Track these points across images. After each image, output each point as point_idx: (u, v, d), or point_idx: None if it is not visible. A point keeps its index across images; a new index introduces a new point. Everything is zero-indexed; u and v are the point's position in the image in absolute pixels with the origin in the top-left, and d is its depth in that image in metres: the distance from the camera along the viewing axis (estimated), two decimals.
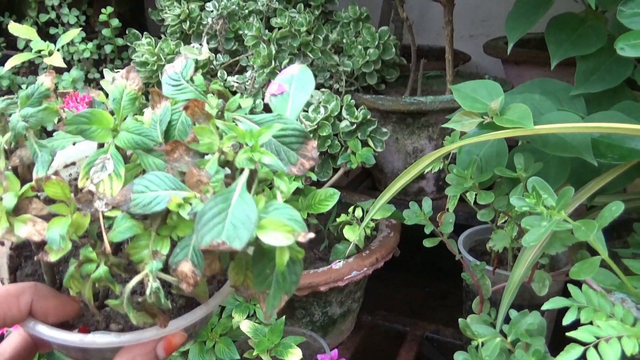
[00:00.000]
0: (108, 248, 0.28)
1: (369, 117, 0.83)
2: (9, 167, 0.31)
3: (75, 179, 0.32)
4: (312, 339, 0.75)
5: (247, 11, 0.90)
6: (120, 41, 0.96)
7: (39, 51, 0.77)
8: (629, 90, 0.59)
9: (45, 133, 0.91)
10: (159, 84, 0.88)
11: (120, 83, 0.33)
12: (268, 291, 0.27)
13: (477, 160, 0.54)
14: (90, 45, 0.91)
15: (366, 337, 0.87)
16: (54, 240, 0.26)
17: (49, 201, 0.28)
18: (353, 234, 0.70)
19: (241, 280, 0.29)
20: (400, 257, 0.80)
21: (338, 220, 0.76)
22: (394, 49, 0.91)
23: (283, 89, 0.32)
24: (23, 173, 0.32)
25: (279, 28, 0.85)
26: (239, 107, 0.32)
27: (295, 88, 0.32)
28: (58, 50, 0.83)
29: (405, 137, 0.90)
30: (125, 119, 0.32)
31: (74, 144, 0.36)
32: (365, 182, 1.13)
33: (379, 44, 0.90)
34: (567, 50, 0.59)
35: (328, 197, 0.73)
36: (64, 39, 0.78)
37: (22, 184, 0.29)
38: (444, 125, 0.53)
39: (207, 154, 0.29)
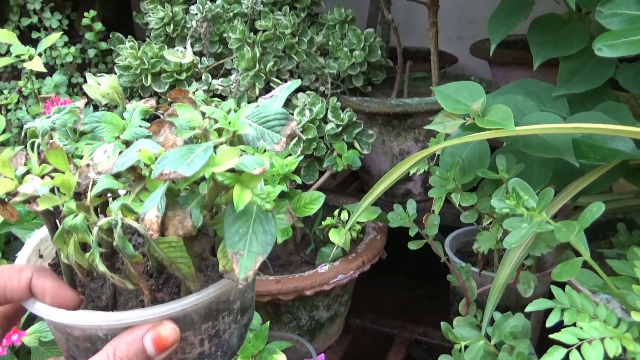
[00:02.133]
0: (88, 201, 0.29)
1: (354, 119, 0.83)
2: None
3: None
4: (299, 344, 0.75)
5: (231, 14, 0.90)
6: (104, 45, 0.95)
7: (19, 55, 0.76)
8: (612, 90, 0.59)
9: None
10: (142, 88, 0.87)
11: (137, 103, 0.38)
12: (242, 252, 0.27)
13: (459, 161, 0.54)
14: (72, 49, 0.90)
15: (355, 340, 0.87)
16: (43, 191, 0.29)
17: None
18: (338, 237, 0.70)
19: (229, 266, 0.29)
20: (389, 259, 0.80)
21: (324, 223, 0.75)
22: (379, 51, 0.91)
23: (274, 94, 0.34)
24: None
25: (264, 31, 0.84)
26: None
27: (282, 91, 0.34)
28: (40, 54, 0.83)
29: (392, 139, 0.90)
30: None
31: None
32: (354, 184, 1.13)
33: (364, 46, 0.89)
34: (549, 51, 0.59)
35: (313, 201, 0.72)
36: (44, 43, 0.78)
37: None
38: (426, 127, 0.53)
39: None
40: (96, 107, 0.93)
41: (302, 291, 0.69)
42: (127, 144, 0.32)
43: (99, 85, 0.91)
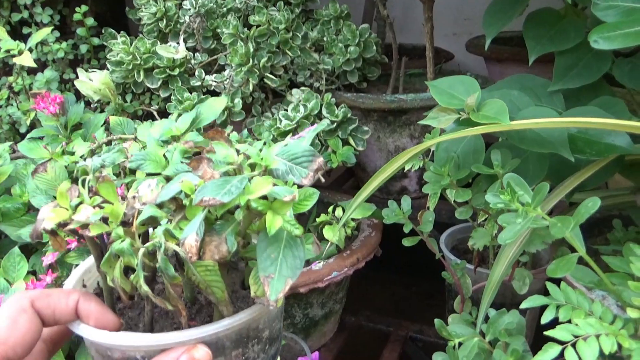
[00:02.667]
0: (134, 227, 0.32)
1: (349, 115, 0.82)
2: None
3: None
4: (293, 342, 0.74)
5: (225, 9, 0.89)
6: (96, 41, 0.94)
7: (9, 50, 0.75)
8: (607, 85, 0.58)
9: (19, 135, 0.89)
10: (135, 84, 0.86)
11: (177, 144, 0.40)
12: (272, 275, 0.29)
13: (454, 157, 0.53)
14: (64, 45, 0.89)
15: (350, 338, 0.86)
16: (94, 219, 0.32)
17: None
18: (332, 234, 0.69)
19: (261, 291, 0.32)
20: (385, 256, 0.79)
21: (318, 220, 0.74)
22: (374, 47, 0.90)
23: (301, 135, 0.38)
24: None
25: (257, 26, 0.83)
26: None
27: (310, 132, 0.38)
28: (31, 50, 0.81)
29: (387, 136, 0.89)
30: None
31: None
32: (349, 181, 1.12)
33: (359, 41, 0.89)
34: (545, 45, 0.58)
35: (307, 197, 0.71)
36: (35, 38, 0.77)
37: None
38: (421, 122, 0.53)
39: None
40: (88, 104, 0.92)
41: (296, 288, 0.68)
42: (168, 179, 0.35)
43: (91, 81, 0.90)
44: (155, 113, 0.88)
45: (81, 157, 0.66)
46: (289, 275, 0.29)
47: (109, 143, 0.70)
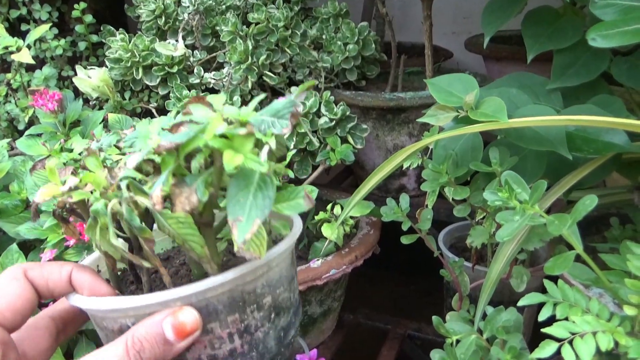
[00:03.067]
0: (111, 189, 0.32)
1: (348, 113, 0.82)
2: None
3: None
4: None
5: (224, 6, 0.89)
6: (95, 38, 0.94)
7: (7, 47, 0.75)
8: (605, 84, 0.58)
9: (17, 132, 0.89)
10: (134, 81, 0.86)
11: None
12: (241, 217, 0.28)
13: (452, 154, 0.53)
14: (62, 42, 0.89)
15: (348, 336, 0.86)
16: (74, 183, 0.33)
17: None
18: (331, 232, 0.69)
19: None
20: (383, 254, 0.79)
21: (316, 218, 0.75)
22: (373, 45, 0.90)
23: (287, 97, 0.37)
24: None
25: (256, 24, 0.83)
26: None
27: (294, 93, 0.36)
28: (29, 47, 0.81)
29: (386, 134, 0.89)
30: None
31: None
32: (348, 179, 1.13)
33: (358, 39, 0.89)
34: (543, 44, 0.59)
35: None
36: (33, 35, 0.77)
37: None
38: (419, 120, 0.53)
39: None
40: (87, 101, 0.92)
41: None
42: None
43: (90, 79, 0.90)
44: (154, 110, 0.88)
45: (79, 154, 0.66)
46: (257, 216, 0.28)
47: None
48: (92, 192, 0.32)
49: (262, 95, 0.33)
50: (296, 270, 0.38)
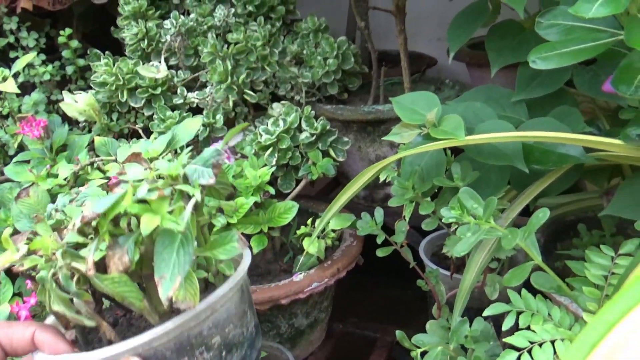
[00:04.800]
0: (55, 256, 0.33)
1: (328, 127, 0.84)
2: None
3: None
4: (279, 352, 0.76)
5: (205, 27, 0.91)
6: (82, 62, 0.96)
7: None
8: (569, 92, 0.60)
9: (8, 157, 0.91)
10: (119, 103, 0.89)
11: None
12: (165, 275, 0.30)
13: (418, 170, 0.55)
14: (50, 67, 0.91)
15: (337, 345, 0.88)
16: (25, 251, 0.35)
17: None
18: (311, 245, 0.71)
19: (180, 295, 0.32)
20: (372, 262, 0.81)
21: (298, 232, 0.76)
22: (353, 59, 0.92)
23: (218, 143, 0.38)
24: None
25: (236, 43, 0.86)
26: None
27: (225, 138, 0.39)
28: (17, 74, 0.84)
29: (367, 145, 0.91)
30: None
31: None
32: (335, 190, 1.14)
33: (337, 54, 0.91)
34: (507, 57, 0.60)
35: (287, 210, 0.74)
36: (19, 64, 0.79)
37: None
38: (385, 138, 0.54)
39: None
40: (77, 123, 0.94)
41: (278, 300, 0.70)
42: None
43: (76, 103, 0.92)
44: (140, 131, 0.90)
45: (64, 179, 0.68)
46: (179, 273, 0.30)
47: (91, 164, 0.72)
48: (42, 257, 0.34)
49: (188, 149, 0.35)
50: (250, 302, 0.40)
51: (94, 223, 0.32)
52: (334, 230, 0.78)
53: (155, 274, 0.30)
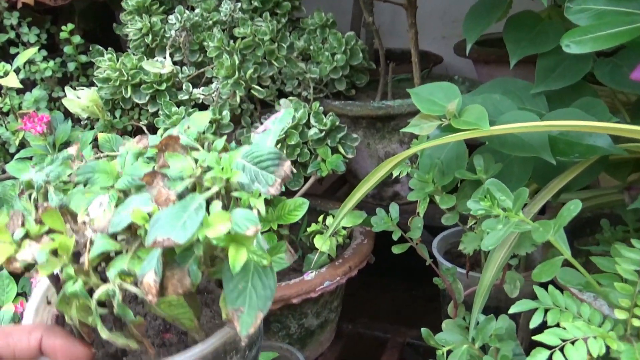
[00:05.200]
0: (86, 265, 0.29)
1: (337, 123, 0.82)
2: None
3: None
4: (289, 353, 0.74)
5: (211, 22, 0.89)
6: (84, 58, 0.94)
7: None
8: (590, 85, 0.58)
9: (9, 155, 0.89)
10: (123, 99, 0.87)
11: (130, 145, 0.37)
12: (242, 309, 0.27)
13: (438, 163, 0.53)
14: (51, 63, 0.89)
15: (347, 346, 0.86)
16: (41, 258, 0.29)
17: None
18: (323, 244, 0.69)
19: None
20: (382, 261, 0.79)
21: (309, 229, 0.74)
22: (361, 54, 0.90)
23: (267, 127, 0.35)
24: None
25: (242, 38, 0.84)
26: (225, 148, 0.34)
27: (275, 123, 0.35)
28: (18, 70, 0.82)
29: (377, 142, 0.89)
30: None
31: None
32: (343, 188, 1.12)
33: (346, 49, 0.89)
34: (525, 48, 0.59)
35: (297, 207, 0.72)
36: (20, 59, 0.77)
37: None
38: (402, 130, 0.53)
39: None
40: (79, 120, 0.92)
41: (289, 300, 0.68)
42: (124, 192, 0.32)
43: (79, 99, 0.90)
44: (144, 128, 0.88)
45: (69, 175, 0.66)
46: (259, 308, 0.28)
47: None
48: (57, 257, 0.29)
49: (223, 139, 0.32)
50: None
51: (139, 229, 0.29)
52: (344, 228, 0.77)
53: (228, 305, 0.28)
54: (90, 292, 0.30)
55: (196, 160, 0.31)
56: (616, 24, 0.39)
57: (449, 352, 0.46)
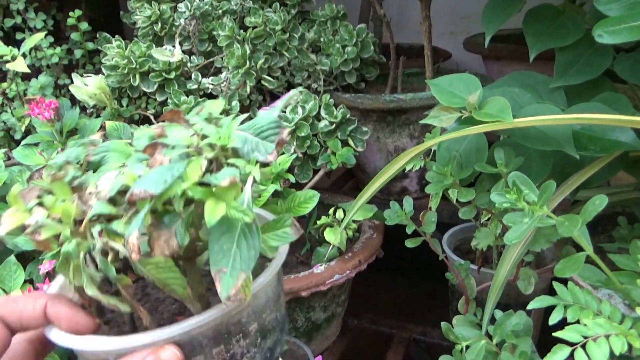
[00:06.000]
0: (82, 227, 0.29)
1: (348, 116, 0.81)
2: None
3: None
4: (296, 346, 0.73)
5: (220, 11, 0.88)
6: (91, 45, 0.93)
7: (2, 56, 0.74)
8: (609, 81, 0.58)
9: (13, 142, 0.88)
10: (131, 88, 0.85)
11: (145, 129, 0.37)
12: (225, 269, 0.26)
13: (456, 156, 0.52)
14: (58, 50, 0.88)
15: (352, 341, 0.85)
16: (41, 216, 0.30)
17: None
18: (334, 236, 0.68)
19: None
20: (387, 257, 0.78)
21: (319, 222, 0.74)
22: (372, 47, 0.90)
23: (273, 105, 0.34)
24: None
25: (254, 27, 0.83)
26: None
27: (282, 101, 0.34)
28: (25, 55, 0.80)
29: (387, 136, 0.88)
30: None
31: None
32: (349, 183, 1.12)
33: (357, 42, 0.88)
34: (545, 42, 0.58)
35: (308, 200, 0.71)
36: (28, 44, 0.76)
37: None
38: (422, 122, 0.52)
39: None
40: (84, 109, 0.91)
41: (298, 292, 0.67)
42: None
43: (86, 86, 0.89)
44: (152, 117, 0.87)
45: (78, 162, 0.65)
46: (242, 269, 0.26)
47: None
48: (62, 224, 0.30)
49: (244, 116, 0.31)
50: (282, 285, 0.37)
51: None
52: (354, 222, 0.76)
53: (211, 265, 0.27)
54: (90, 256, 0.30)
55: (197, 133, 0.31)
56: None
57: (465, 347, 0.46)
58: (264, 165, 0.34)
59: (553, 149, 0.47)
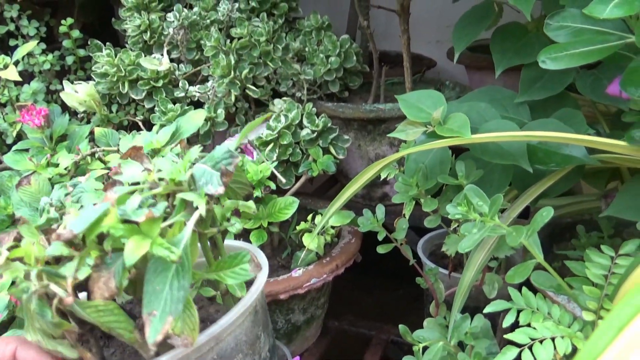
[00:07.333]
0: (37, 265, 0.29)
1: (329, 125, 0.84)
2: None
3: None
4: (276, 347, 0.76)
5: (208, 21, 0.91)
6: (82, 52, 0.96)
7: None
8: (571, 95, 0.61)
9: (5, 146, 0.90)
10: (120, 95, 0.88)
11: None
12: (156, 312, 0.25)
13: (422, 168, 0.55)
14: (50, 56, 0.91)
15: (332, 342, 0.88)
16: (4, 259, 0.30)
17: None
18: (311, 242, 0.71)
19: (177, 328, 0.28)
20: (369, 260, 0.81)
21: (298, 228, 0.76)
22: (355, 57, 0.92)
23: (234, 137, 0.35)
24: None
25: (239, 38, 0.86)
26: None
27: (240, 133, 0.34)
28: (17, 62, 0.83)
29: (367, 144, 0.91)
30: None
31: None
32: (334, 187, 1.14)
33: (340, 52, 0.91)
34: (510, 59, 0.61)
35: (287, 206, 0.74)
36: (20, 52, 0.78)
37: None
38: (390, 135, 0.55)
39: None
40: (75, 114, 0.94)
41: (276, 295, 0.70)
42: None
43: (76, 93, 0.91)
44: (140, 123, 0.90)
45: (65, 168, 0.68)
46: (170, 312, 0.25)
47: (92, 155, 0.71)
48: (25, 265, 0.29)
49: (198, 148, 0.31)
50: (266, 323, 0.35)
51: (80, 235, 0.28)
52: (333, 227, 0.79)
53: (143, 308, 0.26)
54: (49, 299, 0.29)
55: (150, 170, 0.31)
56: (591, 43, 0.41)
57: (425, 348, 0.48)
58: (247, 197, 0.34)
59: (509, 163, 0.50)
